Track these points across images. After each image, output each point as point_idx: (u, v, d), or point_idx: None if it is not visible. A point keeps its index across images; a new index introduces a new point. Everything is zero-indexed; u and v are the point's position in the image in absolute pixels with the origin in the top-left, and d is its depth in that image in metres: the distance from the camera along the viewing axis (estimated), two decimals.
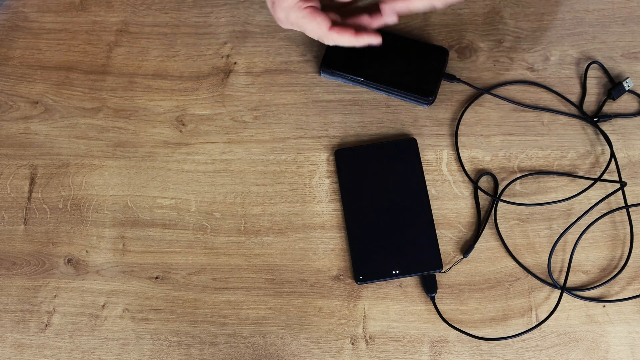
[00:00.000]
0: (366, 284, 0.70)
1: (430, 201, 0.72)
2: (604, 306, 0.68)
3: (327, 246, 0.71)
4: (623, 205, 0.71)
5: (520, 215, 0.71)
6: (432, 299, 0.69)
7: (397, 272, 0.69)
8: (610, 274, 0.69)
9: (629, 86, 0.74)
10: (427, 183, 0.72)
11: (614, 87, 0.74)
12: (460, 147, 0.74)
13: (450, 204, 0.72)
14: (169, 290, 0.70)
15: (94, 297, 0.71)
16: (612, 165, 0.72)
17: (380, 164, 0.72)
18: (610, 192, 0.71)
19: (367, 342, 0.68)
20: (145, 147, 0.75)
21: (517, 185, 0.72)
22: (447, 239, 0.71)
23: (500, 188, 0.72)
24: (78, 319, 0.70)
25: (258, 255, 0.71)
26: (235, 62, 0.77)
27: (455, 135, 0.74)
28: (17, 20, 0.80)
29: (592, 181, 0.71)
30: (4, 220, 0.73)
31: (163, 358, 0.69)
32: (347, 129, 0.75)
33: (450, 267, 0.70)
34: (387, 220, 0.71)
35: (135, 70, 0.78)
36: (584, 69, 0.75)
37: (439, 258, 0.70)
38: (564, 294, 0.68)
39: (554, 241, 0.70)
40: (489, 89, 0.75)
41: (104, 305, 0.70)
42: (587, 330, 0.68)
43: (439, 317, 0.68)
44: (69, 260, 0.72)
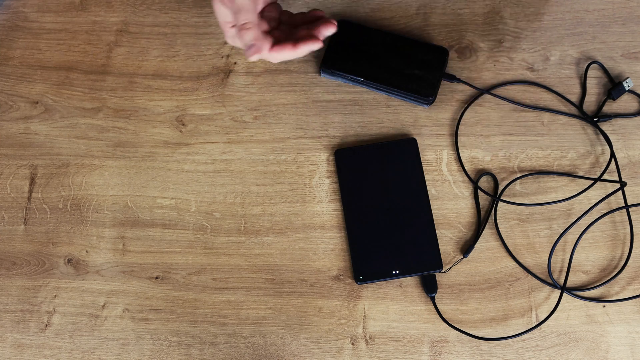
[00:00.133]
0: (366, 284, 0.70)
1: (430, 201, 0.72)
2: (604, 306, 0.68)
3: (327, 246, 0.71)
4: (623, 205, 0.71)
5: (520, 215, 0.71)
6: (432, 299, 0.69)
7: (397, 272, 0.69)
8: (610, 274, 0.69)
9: (629, 86, 0.74)
10: (427, 183, 0.72)
11: (614, 87, 0.74)
12: (460, 147, 0.73)
13: (450, 204, 0.72)
14: (169, 290, 0.70)
15: (94, 297, 0.71)
16: (612, 165, 0.72)
17: (380, 164, 0.72)
18: (610, 192, 0.71)
19: (367, 342, 0.68)
20: (145, 147, 0.75)
21: (517, 185, 0.72)
22: (447, 239, 0.71)
23: (500, 188, 0.72)
24: (78, 319, 0.70)
25: (258, 255, 0.71)
26: (235, 62, 0.77)
27: (455, 135, 0.74)
28: (17, 20, 0.80)
29: (592, 181, 0.71)
30: (4, 220, 0.73)
31: (163, 358, 0.69)
32: (347, 129, 0.75)
33: (450, 267, 0.70)
34: (387, 220, 0.71)
35: (135, 70, 0.77)
36: (584, 69, 0.75)
37: (439, 258, 0.70)
38: (564, 294, 0.68)
39: (554, 241, 0.70)
40: (489, 89, 0.75)
41: (104, 305, 0.70)
42: (587, 330, 0.68)
43: (439, 317, 0.68)
44: (69, 260, 0.72)
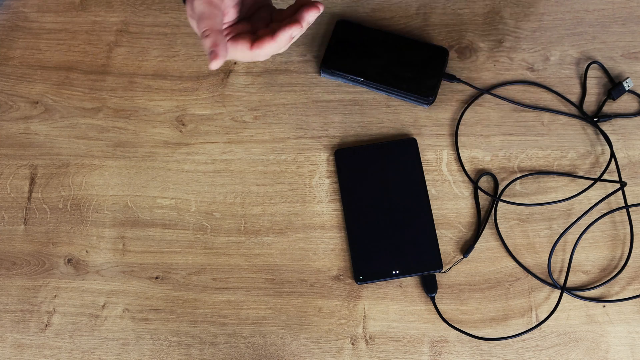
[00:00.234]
0: (366, 284, 0.70)
1: (430, 201, 0.72)
2: (604, 306, 0.68)
3: (327, 246, 0.71)
4: (623, 205, 0.71)
5: (520, 215, 0.71)
6: (432, 299, 0.69)
7: (397, 272, 0.69)
8: (610, 274, 0.69)
9: (629, 86, 0.74)
10: (427, 183, 0.72)
11: (614, 87, 0.74)
12: (460, 147, 0.73)
13: (450, 204, 0.72)
14: (169, 290, 0.70)
15: (94, 297, 0.71)
16: (612, 165, 0.72)
17: (380, 164, 0.72)
18: (610, 192, 0.71)
19: (367, 342, 0.68)
20: (145, 147, 0.75)
21: (517, 185, 0.72)
22: (447, 239, 0.71)
23: (500, 188, 0.72)
24: (78, 319, 0.70)
25: (258, 255, 0.71)
26: (235, 62, 0.77)
27: (455, 135, 0.74)
28: (17, 20, 0.80)
29: (592, 181, 0.71)
30: (4, 220, 0.73)
31: (163, 358, 0.69)
32: (347, 129, 0.75)
33: (450, 267, 0.70)
34: (387, 220, 0.71)
35: (135, 70, 0.77)
36: (584, 69, 0.75)
37: (439, 258, 0.70)
38: (564, 294, 0.68)
39: (554, 241, 0.70)
40: (489, 89, 0.75)
41: (104, 305, 0.70)
42: (587, 330, 0.68)
43: (439, 317, 0.68)
44: (69, 260, 0.72)
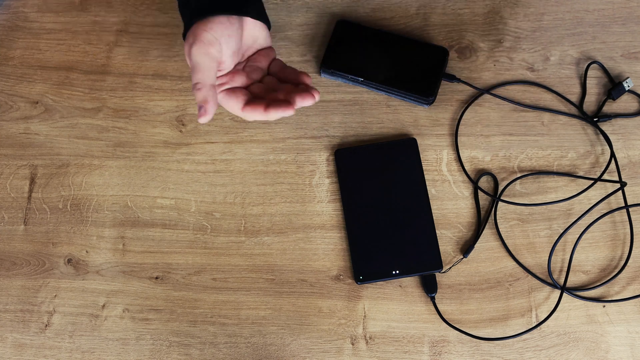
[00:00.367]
0: (366, 284, 0.70)
1: (430, 201, 0.72)
2: (604, 306, 0.68)
3: (327, 246, 0.71)
4: (623, 205, 0.71)
5: (520, 215, 0.71)
6: (432, 299, 0.69)
7: (397, 272, 0.69)
8: (610, 274, 0.69)
9: (629, 86, 0.74)
10: (427, 183, 0.72)
11: (614, 87, 0.74)
12: (460, 147, 0.73)
13: (450, 204, 0.72)
14: (169, 290, 0.70)
15: (94, 297, 0.71)
16: (612, 165, 0.72)
17: (380, 164, 0.72)
18: (610, 192, 0.71)
19: (367, 342, 0.68)
20: (145, 147, 0.75)
21: (517, 185, 0.72)
22: (447, 239, 0.71)
23: (500, 188, 0.72)
24: (78, 319, 0.70)
25: (258, 255, 0.71)
26: None
27: (455, 135, 0.74)
28: (17, 20, 0.80)
29: (592, 181, 0.71)
30: (4, 220, 0.73)
31: (163, 358, 0.69)
32: (347, 129, 0.75)
33: (450, 267, 0.70)
34: (387, 220, 0.71)
35: (135, 70, 0.77)
36: (584, 69, 0.75)
37: (439, 258, 0.70)
38: (564, 294, 0.68)
39: (554, 241, 0.70)
40: (489, 89, 0.75)
41: (104, 305, 0.70)
42: (587, 330, 0.68)
43: (439, 317, 0.68)
44: (69, 260, 0.72)
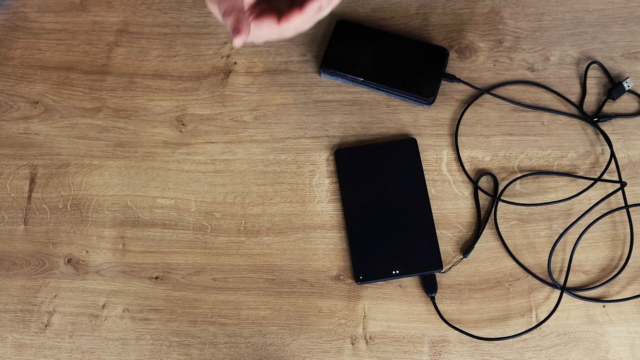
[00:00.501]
0: (366, 284, 0.70)
1: (430, 201, 0.72)
2: (604, 306, 0.68)
3: (327, 246, 0.71)
4: (623, 205, 0.71)
5: (520, 215, 0.71)
6: (432, 299, 0.69)
7: (397, 272, 0.69)
8: (610, 274, 0.69)
9: (629, 86, 0.74)
10: (427, 183, 0.72)
11: (614, 87, 0.74)
12: (460, 147, 0.73)
13: (450, 204, 0.72)
14: (169, 290, 0.70)
15: (94, 297, 0.71)
16: (612, 165, 0.72)
17: (380, 164, 0.72)
18: (610, 192, 0.71)
19: (367, 342, 0.68)
20: (145, 147, 0.75)
21: (517, 185, 0.72)
22: (447, 239, 0.71)
23: (500, 188, 0.72)
24: (78, 319, 0.70)
25: (258, 255, 0.71)
26: (235, 62, 0.77)
27: (455, 135, 0.74)
28: (17, 20, 0.80)
29: (592, 181, 0.71)
30: (4, 220, 0.73)
31: (163, 358, 0.69)
32: (347, 129, 0.75)
33: (450, 267, 0.70)
34: (387, 220, 0.71)
35: (135, 70, 0.77)
36: (584, 69, 0.75)
37: (439, 258, 0.70)
38: (564, 294, 0.68)
39: (554, 241, 0.70)
40: (489, 89, 0.75)
41: (104, 305, 0.70)
42: (587, 330, 0.68)
43: (439, 317, 0.68)
44: (69, 260, 0.72)
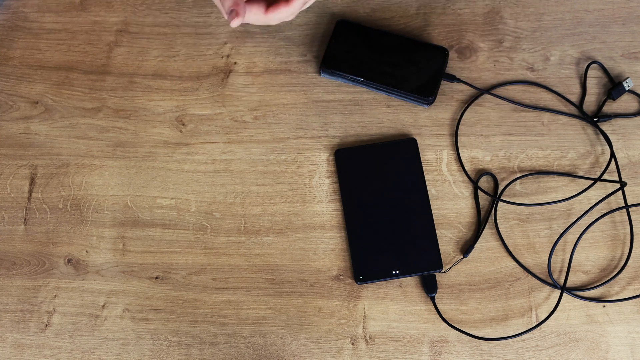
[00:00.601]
0: (366, 284, 0.70)
1: (430, 201, 0.72)
2: (604, 306, 0.68)
3: (327, 246, 0.71)
4: (623, 205, 0.71)
5: (520, 215, 0.71)
6: (432, 299, 0.69)
7: (397, 272, 0.69)
8: (610, 274, 0.69)
9: (629, 86, 0.74)
10: (427, 183, 0.72)
11: (614, 87, 0.74)
12: (460, 147, 0.73)
13: (450, 204, 0.72)
14: (169, 290, 0.70)
15: (94, 297, 0.71)
16: (612, 165, 0.72)
17: (380, 164, 0.72)
18: (610, 192, 0.71)
19: (367, 342, 0.68)
20: (145, 147, 0.75)
21: (517, 185, 0.72)
22: (447, 239, 0.71)
23: (500, 188, 0.72)
24: (78, 319, 0.70)
25: (258, 255, 0.71)
26: (235, 62, 0.77)
27: (455, 135, 0.74)
28: (17, 20, 0.80)
29: (592, 181, 0.71)
30: (4, 220, 0.73)
31: (163, 358, 0.69)
32: (347, 129, 0.75)
33: (450, 267, 0.70)
34: (387, 220, 0.71)
35: (135, 70, 0.77)
36: (584, 69, 0.75)
37: (439, 258, 0.70)
38: (564, 294, 0.68)
39: (554, 241, 0.70)
40: (489, 89, 0.75)
41: (104, 305, 0.70)
42: (587, 330, 0.68)
43: (439, 317, 0.68)
44: (69, 260, 0.72)
